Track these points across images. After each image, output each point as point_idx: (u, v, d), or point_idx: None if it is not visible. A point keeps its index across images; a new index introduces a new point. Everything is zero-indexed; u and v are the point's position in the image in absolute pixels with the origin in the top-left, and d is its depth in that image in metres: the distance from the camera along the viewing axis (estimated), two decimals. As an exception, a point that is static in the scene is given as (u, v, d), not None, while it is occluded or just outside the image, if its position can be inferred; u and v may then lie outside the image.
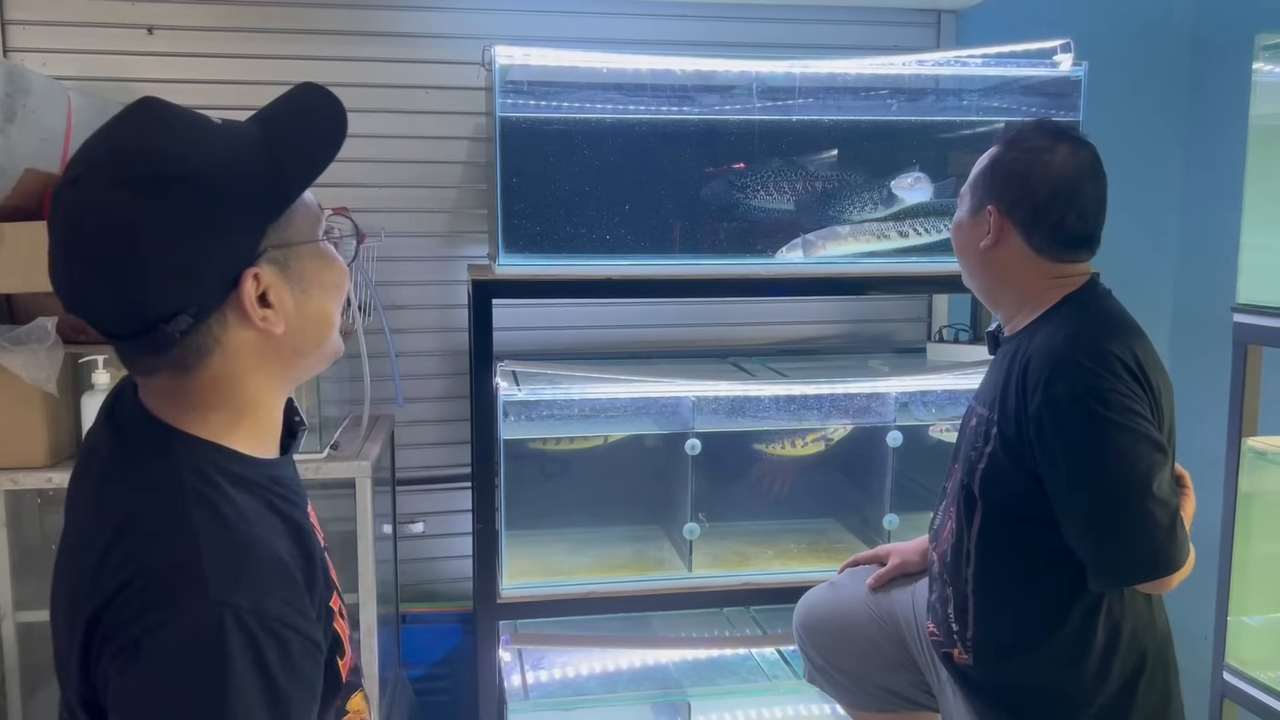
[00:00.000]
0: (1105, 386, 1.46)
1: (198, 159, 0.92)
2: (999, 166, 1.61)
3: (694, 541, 2.31)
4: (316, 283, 1.01)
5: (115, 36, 2.50)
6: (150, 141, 0.93)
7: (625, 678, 2.44)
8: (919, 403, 2.37)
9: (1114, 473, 1.45)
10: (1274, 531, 1.70)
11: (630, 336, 2.80)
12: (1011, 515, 1.56)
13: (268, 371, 1.00)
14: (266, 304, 0.96)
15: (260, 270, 0.95)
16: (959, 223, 1.69)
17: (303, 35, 2.58)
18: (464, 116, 2.64)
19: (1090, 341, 1.50)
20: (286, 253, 0.97)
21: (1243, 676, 1.94)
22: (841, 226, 2.31)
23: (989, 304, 1.72)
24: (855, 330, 2.95)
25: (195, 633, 0.86)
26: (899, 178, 2.29)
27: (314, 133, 1.01)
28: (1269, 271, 1.91)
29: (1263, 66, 1.88)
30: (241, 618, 0.87)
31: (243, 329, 0.96)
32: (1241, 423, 1.92)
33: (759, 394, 2.34)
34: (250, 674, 0.86)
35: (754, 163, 2.27)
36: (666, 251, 2.25)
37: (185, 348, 0.94)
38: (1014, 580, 1.58)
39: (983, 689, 1.63)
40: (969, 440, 1.64)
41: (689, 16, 2.73)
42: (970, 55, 2.34)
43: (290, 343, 1.00)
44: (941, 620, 1.68)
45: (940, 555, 1.69)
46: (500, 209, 2.17)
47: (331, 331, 1.05)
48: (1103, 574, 1.50)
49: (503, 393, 2.19)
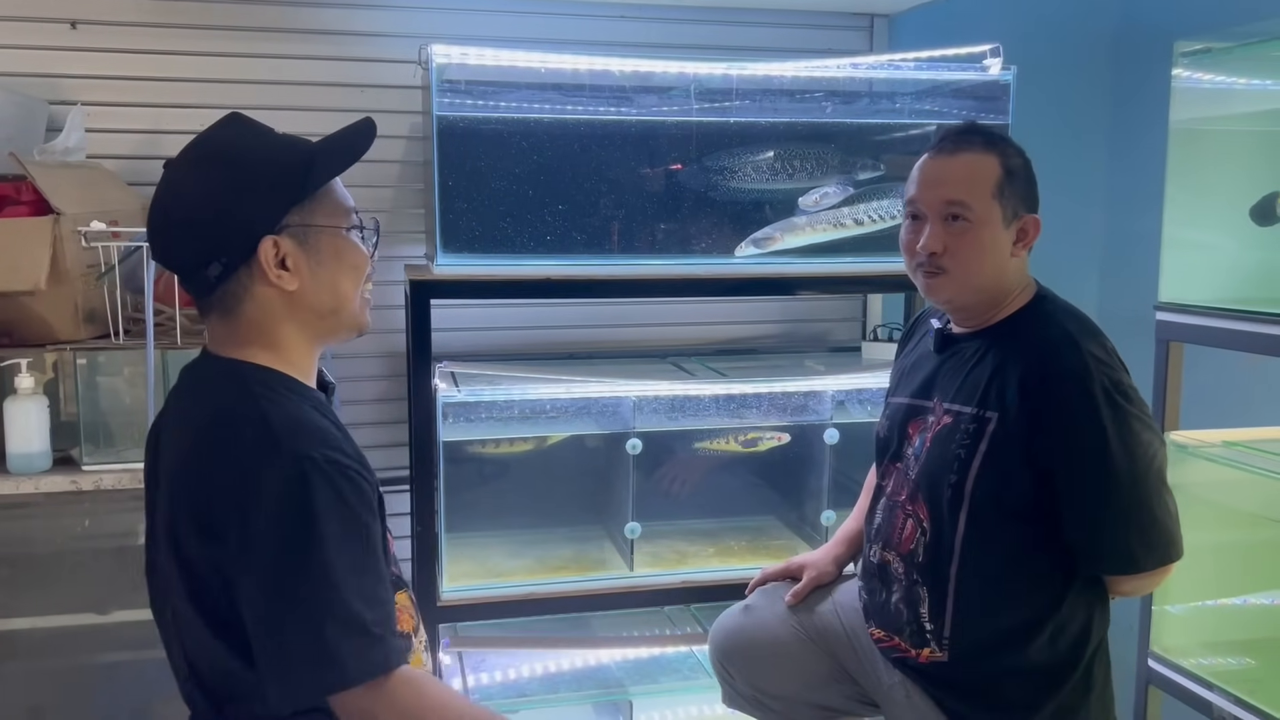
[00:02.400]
0: (1124, 382, 1.52)
1: (242, 148, 1.27)
2: (1017, 177, 1.60)
3: (635, 541, 2.31)
4: (332, 259, 1.29)
5: (37, 31, 2.43)
6: (214, 134, 1.29)
7: (567, 678, 2.44)
8: (855, 401, 2.40)
9: (1140, 467, 1.49)
10: (1197, 522, 1.76)
11: (570, 337, 2.80)
12: (1003, 512, 1.56)
13: (294, 324, 1.29)
14: (285, 267, 1.25)
15: (280, 239, 1.25)
16: (984, 236, 1.59)
17: (234, 32, 2.53)
18: (400, 115, 2.61)
19: (1094, 338, 1.55)
20: (307, 230, 1.27)
21: (1166, 663, 2.00)
22: (798, 217, 2.33)
23: (974, 308, 1.66)
24: (792, 330, 2.99)
25: (285, 479, 1.15)
26: (808, 194, 2.32)
27: (342, 144, 1.32)
28: (1189, 271, 1.98)
29: (1181, 73, 1.94)
30: (316, 462, 1.16)
31: (266, 285, 1.26)
32: (1164, 417, 1.98)
33: (699, 393, 2.35)
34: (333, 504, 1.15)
35: (692, 164, 2.29)
36: (606, 252, 2.25)
37: (225, 293, 1.26)
38: (1001, 574, 1.59)
39: (955, 684, 1.64)
40: (945, 439, 1.61)
41: (627, 18, 2.74)
42: (903, 59, 2.39)
43: (306, 302, 1.28)
44: (909, 621, 1.66)
45: (904, 556, 1.68)
46: (438, 209, 2.15)
47: (346, 302, 1.32)
48: (1117, 563, 1.54)
49: (442, 394, 2.17)
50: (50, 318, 2.02)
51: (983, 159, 1.60)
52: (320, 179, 1.28)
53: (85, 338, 2.07)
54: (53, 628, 2.14)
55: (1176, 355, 1.98)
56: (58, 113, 2.37)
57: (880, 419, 1.83)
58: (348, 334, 1.36)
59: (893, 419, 1.76)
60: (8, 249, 1.95)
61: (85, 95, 2.43)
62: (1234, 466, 1.93)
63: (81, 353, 2.05)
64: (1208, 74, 1.93)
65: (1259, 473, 1.90)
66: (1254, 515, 1.99)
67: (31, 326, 2.02)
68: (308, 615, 1.13)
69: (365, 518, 1.19)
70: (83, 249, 2.02)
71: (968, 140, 1.62)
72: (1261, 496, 1.92)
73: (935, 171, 1.64)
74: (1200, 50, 1.91)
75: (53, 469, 2.03)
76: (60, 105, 2.39)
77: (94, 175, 2.26)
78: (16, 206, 2.04)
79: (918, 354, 1.79)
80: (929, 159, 1.66)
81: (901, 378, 1.81)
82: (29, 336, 2.04)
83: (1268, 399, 2.07)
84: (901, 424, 1.73)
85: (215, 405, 1.24)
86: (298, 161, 1.27)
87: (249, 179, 1.25)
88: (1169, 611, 2.04)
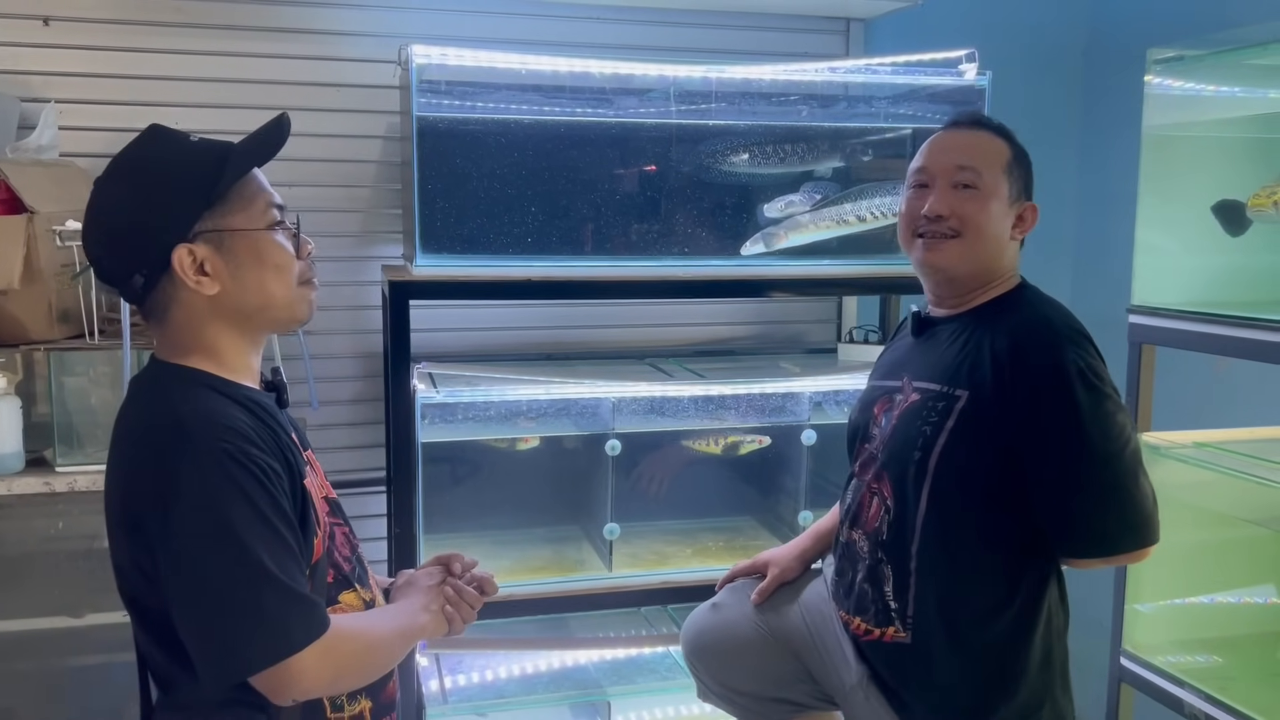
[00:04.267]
0: (1098, 365, 1.53)
1: (154, 159, 1.28)
2: (1024, 163, 1.66)
3: (614, 542, 2.32)
4: (251, 261, 1.28)
5: (8, 27, 2.39)
6: (132, 148, 1.30)
7: (545, 679, 2.44)
8: (832, 402, 2.42)
9: (1116, 447, 1.50)
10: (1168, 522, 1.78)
11: (549, 338, 2.80)
12: (965, 490, 1.57)
13: (223, 324, 1.30)
14: (204, 272, 1.26)
15: (195, 246, 1.25)
16: (1000, 207, 1.63)
17: (207, 30, 2.51)
18: (377, 115, 2.60)
19: (1072, 322, 1.58)
20: (221, 235, 1.27)
21: (1138, 661, 2.03)
22: (802, 215, 2.34)
23: (966, 284, 1.67)
24: (768, 331, 3.00)
25: (197, 470, 1.17)
26: (773, 202, 2.33)
27: (255, 142, 1.31)
28: (1161, 274, 2.01)
29: (1154, 79, 1.97)
30: (226, 453, 1.18)
31: (188, 291, 1.26)
32: (1137, 419, 2.01)
33: (678, 394, 2.36)
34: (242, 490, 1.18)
35: (671, 165, 2.29)
36: (585, 253, 2.26)
37: (154, 301, 1.28)
38: (960, 555, 1.59)
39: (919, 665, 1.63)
40: (912, 416, 1.63)
41: (607, 20, 2.74)
42: (880, 63, 2.41)
43: (231, 304, 1.29)
44: (874, 600, 1.67)
45: (869, 534, 1.69)
46: (417, 209, 2.15)
47: (275, 300, 1.32)
48: (1094, 545, 1.54)
49: (420, 395, 2.17)
50: (23, 317, 2.00)
51: (994, 139, 1.66)
52: (230, 180, 1.27)
53: (59, 337, 2.05)
54: (26, 630, 2.11)
55: (1149, 357, 2.01)
56: (30, 110, 2.34)
57: (853, 409, 1.84)
58: (284, 327, 1.38)
59: (863, 401, 1.78)
60: (-20, 248, 1.93)
61: (58, 92, 2.40)
62: (1205, 467, 1.96)
63: (55, 353, 2.03)
64: (1180, 81, 1.96)
65: (1229, 473, 1.93)
66: (1224, 515, 2.02)
67: (4, 326, 2.00)
68: (243, 593, 1.16)
69: (279, 501, 1.22)
70: (57, 248, 2.00)
71: (981, 122, 1.69)
72: (1231, 497, 1.96)
73: (949, 141, 1.68)
74: (1173, 58, 1.95)
75: (25, 470, 2.01)
76: (33, 103, 2.36)
77: (67, 173, 2.24)
78: (-12, 205, 2.02)
79: (898, 346, 1.81)
80: (942, 133, 1.71)
81: (879, 364, 1.84)
82: (2, 336, 2.01)
83: (1238, 400, 2.10)
84: (869, 405, 1.75)
85: (140, 411, 1.27)
86: (208, 165, 1.27)
87: (158, 189, 1.26)
88: (1140, 610, 2.07)
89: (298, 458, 1.31)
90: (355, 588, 1.39)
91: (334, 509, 1.43)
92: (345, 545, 1.42)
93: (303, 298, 1.36)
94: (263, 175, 1.35)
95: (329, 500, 1.42)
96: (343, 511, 1.46)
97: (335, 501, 1.44)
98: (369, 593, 1.43)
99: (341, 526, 1.43)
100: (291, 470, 1.27)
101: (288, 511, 1.23)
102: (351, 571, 1.40)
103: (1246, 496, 1.92)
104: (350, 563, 1.41)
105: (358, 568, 1.43)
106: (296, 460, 1.30)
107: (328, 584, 1.34)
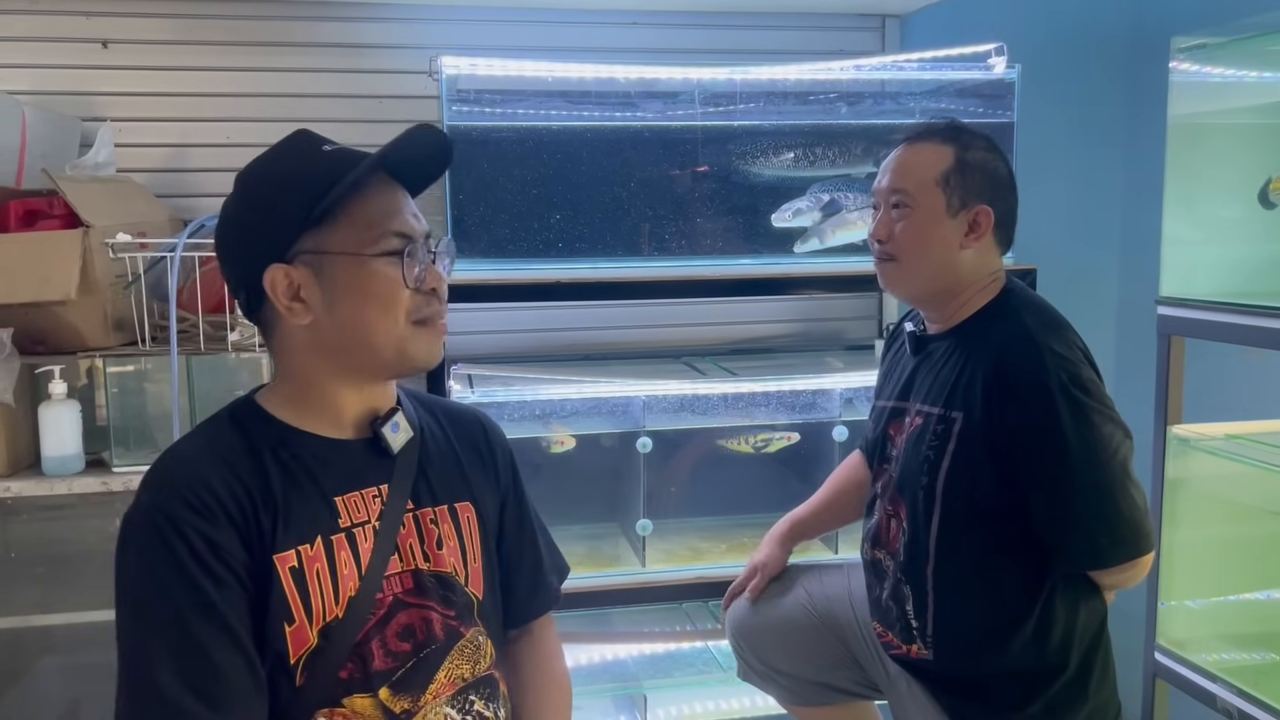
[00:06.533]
0: (1084, 376, 1.51)
1: (264, 172, 1.18)
2: (971, 168, 1.61)
3: (646, 538, 2.36)
4: (351, 289, 1.14)
5: (71, 51, 2.53)
6: (266, 152, 1.20)
7: (582, 673, 2.49)
8: (863, 398, 2.42)
9: (1101, 459, 1.49)
10: (1200, 516, 1.76)
11: (583, 339, 2.85)
12: (974, 511, 1.57)
13: (316, 357, 1.18)
14: (298, 298, 1.14)
15: (292, 269, 1.14)
16: (926, 224, 1.61)
17: (257, 47, 2.62)
18: (417, 125, 2.68)
19: (1056, 333, 1.55)
20: (321, 259, 1.14)
21: (1173, 656, 2.00)
22: (850, 212, 2.35)
23: (932, 303, 1.68)
24: (807, 329, 3.01)
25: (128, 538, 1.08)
26: (778, 211, 2.33)
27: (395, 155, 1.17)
28: (1190, 265, 1.98)
29: (1179, 67, 1.94)
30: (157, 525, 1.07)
31: (283, 316, 1.15)
32: (1167, 411, 1.98)
33: (708, 392, 2.39)
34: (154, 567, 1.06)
35: (699, 167, 2.32)
36: (615, 254, 2.30)
37: (261, 320, 1.19)
38: (975, 576, 1.59)
39: (946, 681, 1.65)
40: (917, 440, 1.63)
41: (640, 24, 2.79)
42: (907, 60, 2.41)
43: (327, 338, 1.16)
44: (898, 618, 1.69)
45: (891, 555, 1.70)
46: (450, 215, 2.22)
47: (377, 339, 1.16)
48: (1086, 559, 1.54)
49: (456, 395, 2.23)
50: (81, 326, 2.10)
51: (937, 150, 1.63)
52: (337, 196, 1.12)
53: (114, 345, 2.16)
54: (87, 623, 2.23)
55: (1178, 349, 1.98)
56: (89, 129, 2.47)
57: (868, 422, 1.86)
58: (396, 371, 1.21)
59: (877, 422, 1.80)
60: (40, 261, 2.04)
61: (115, 112, 2.53)
62: (1237, 460, 1.93)
63: (110, 359, 2.14)
64: (1205, 68, 1.93)
65: (1262, 466, 1.89)
66: (1257, 509, 1.98)
67: (64, 335, 2.11)
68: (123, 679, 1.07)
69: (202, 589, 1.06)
70: (111, 260, 2.11)
71: (930, 133, 1.66)
72: (1264, 490, 1.92)
73: (890, 160, 1.68)
74: (1196, 45, 1.92)
75: (85, 471, 2.11)
76: (92, 122, 2.49)
77: (123, 189, 2.36)
78: (49, 220, 2.14)
79: (899, 362, 1.81)
80: (892, 151, 1.70)
81: (884, 381, 1.84)
82: (61, 344, 2.12)
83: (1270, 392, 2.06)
84: (884, 427, 1.76)
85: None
86: (320, 178, 1.12)
87: (264, 200, 1.16)
88: (1174, 605, 2.04)
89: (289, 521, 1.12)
90: (378, 693, 1.15)
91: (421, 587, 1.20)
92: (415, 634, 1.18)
93: (418, 338, 1.18)
94: (405, 198, 1.20)
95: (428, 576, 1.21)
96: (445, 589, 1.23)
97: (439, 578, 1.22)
98: (406, 702, 1.16)
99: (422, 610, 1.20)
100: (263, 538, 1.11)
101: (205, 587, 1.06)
102: (388, 669, 1.16)
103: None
104: (397, 659, 1.17)
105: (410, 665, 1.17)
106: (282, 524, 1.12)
107: (339, 680, 1.13)
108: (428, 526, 1.24)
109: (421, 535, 1.24)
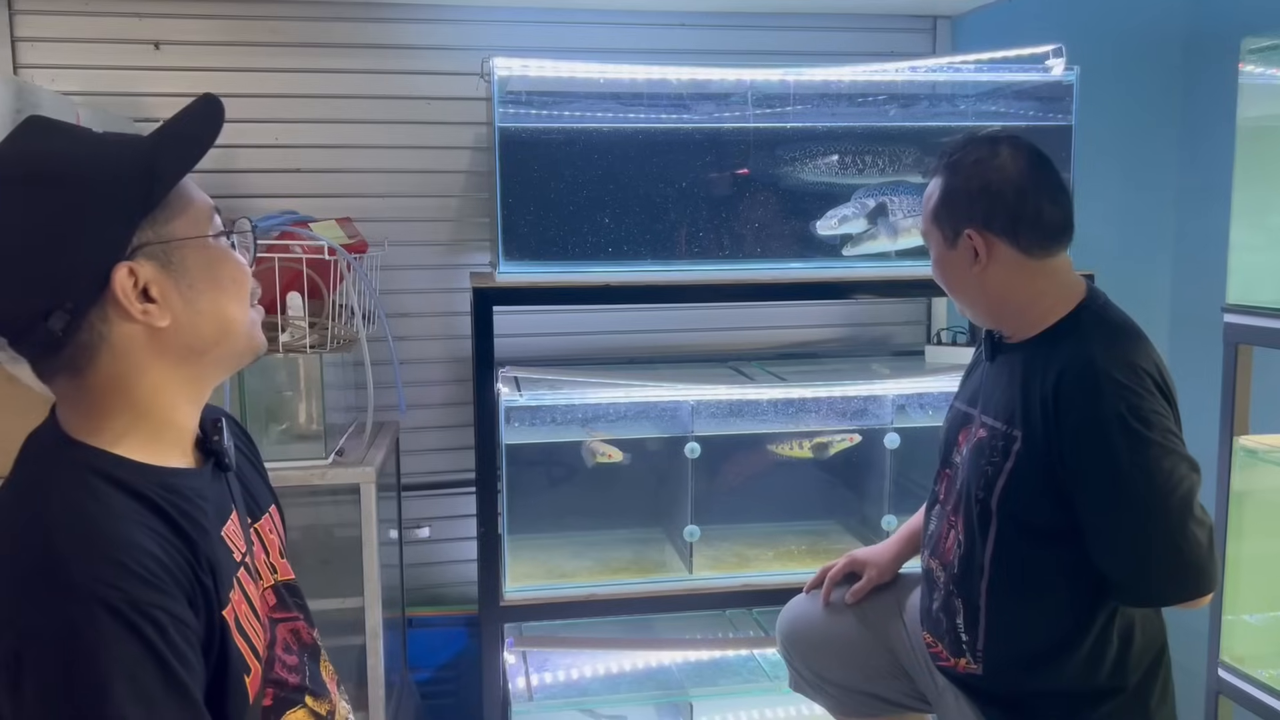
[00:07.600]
0: (1146, 406, 1.44)
1: (64, 161, 0.98)
2: (955, 193, 1.59)
3: (694, 544, 2.33)
4: (206, 278, 1.03)
5: (122, 52, 2.55)
6: (24, 147, 1.00)
7: (628, 679, 2.47)
8: (915, 405, 2.39)
9: (1159, 496, 1.42)
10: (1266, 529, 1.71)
11: (631, 342, 2.83)
12: (1030, 531, 1.54)
13: (162, 370, 1.02)
14: (149, 299, 0.99)
15: (137, 265, 0.97)
16: (939, 260, 1.65)
17: (307, 49, 2.62)
18: (465, 126, 2.68)
19: (1122, 357, 1.48)
20: (167, 248, 1.00)
21: (1237, 673, 1.95)
22: (903, 219, 2.32)
23: (1000, 324, 1.66)
24: (855, 334, 2.98)
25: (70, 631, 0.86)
26: (824, 219, 2.29)
27: (186, 132, 1.03)
28: (1257, 272, 1.93)
29: (1249, 69, 1.90)
30: (109, 604, 0.87)
31: (127, 323, 0.98)
32: (1233, 422, 1.93)
33: (757, 397, 2.36)
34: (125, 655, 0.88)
35: (750, 169, 2.30)
36: (664, 258, 2.28)
37: (75, 347, 0.97)
38: (1029, 594, 1.56)
39: (994, 697, 1.63)
40: (978, 452, 1.61)
41: (686, 25, 2.77)
42: (963, 61, 2.37)
43: (183, 339, 1.02)
44: (948, 630, 1.66)
45: (945, 566, 1.68)
46: (500, 217, 2.20)
47: (235, 327, 1.06)
48: (1140, 595, 1.50)
49: (504, 398, 2.22)
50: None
51: (935, 183, 1.65)
52: (170, 179, 1.00)
53: None
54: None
55: (1245, 358, 1.93)
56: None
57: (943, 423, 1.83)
58: (239, 363, 1.11)
59: (949, 424, 1.77)
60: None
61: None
62: (1306, 472, 1.88)
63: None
64: (1276, 70, 1.89)
65: (1332, 479, 1.85)
66: (1327, 522, 1.93)
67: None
68: None
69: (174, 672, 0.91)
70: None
71: (937, 166, 1.66)
72: (1335, 503, 1.87)
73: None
74: (1268, 46, 1.87)
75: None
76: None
77: (174, 189, 2.36)
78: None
79: (978, 361, 1.79)
80: None
81: (964, 382, 1.81)
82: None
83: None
84: (954, 430, 1.73)
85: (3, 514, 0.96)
86: (136, 161, 0.99)
87: (82, 195, 0.96)
88: (1239, 621, 1.99)
89: (218, 573, 1.01)
90: (305, 703, 1.14)
91: (281, 600, 1.16)
92: (294, 645, 1.17)
93: (257, 322, 1.10)
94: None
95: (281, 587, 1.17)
96: (295, 596, 1.20)
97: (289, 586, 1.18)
98: (326, 704, 1.17)
99: (290, 622, 1.17)
100: (209, 599, 0.99)
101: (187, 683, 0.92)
102: (300, 683, 1.14)
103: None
104: (298, 672, 1.15)
105: (307, 672, 1.16)
106: (216, 579, 1.01)
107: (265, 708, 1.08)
108: (268, 538, 1.19)
109: (265, 548, 1.18)
